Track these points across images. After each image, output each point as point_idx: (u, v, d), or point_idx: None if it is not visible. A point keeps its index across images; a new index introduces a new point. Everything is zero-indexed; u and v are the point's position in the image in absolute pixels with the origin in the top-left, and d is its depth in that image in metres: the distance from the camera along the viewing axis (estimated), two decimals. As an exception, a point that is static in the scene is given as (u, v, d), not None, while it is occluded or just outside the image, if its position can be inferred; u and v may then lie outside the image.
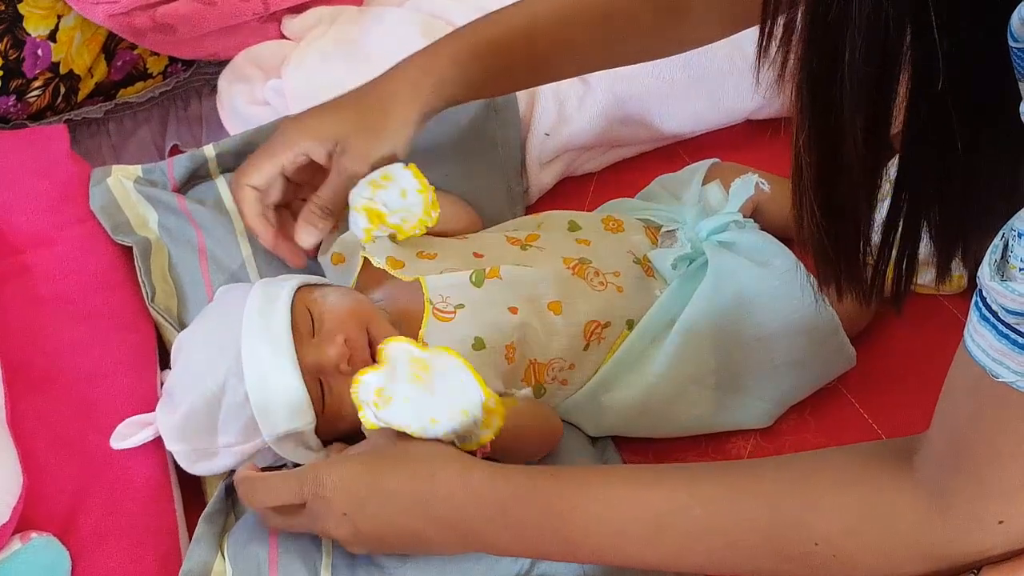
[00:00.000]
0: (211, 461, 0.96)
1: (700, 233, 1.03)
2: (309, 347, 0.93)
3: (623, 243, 1.06)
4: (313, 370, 0.93)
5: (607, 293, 1.01)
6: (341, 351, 0.92)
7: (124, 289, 1.09)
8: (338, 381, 0.93)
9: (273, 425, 0.92)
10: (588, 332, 1.00)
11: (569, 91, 1.23)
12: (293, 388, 0.92)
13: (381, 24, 1.35)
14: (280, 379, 0.91)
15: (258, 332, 0.93)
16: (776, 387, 1.01)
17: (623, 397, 1.00)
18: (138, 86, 1.42)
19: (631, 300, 1.02)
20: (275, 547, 0.90)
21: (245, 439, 0.93)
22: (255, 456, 0.95)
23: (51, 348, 1.02)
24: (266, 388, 0.91)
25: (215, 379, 0.92)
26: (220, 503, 0.97)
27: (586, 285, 1.00)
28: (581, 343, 0.99)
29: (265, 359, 0.92)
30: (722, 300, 0.99)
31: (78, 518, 0.93)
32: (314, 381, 0.93)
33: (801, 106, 0.60)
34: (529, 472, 0.81)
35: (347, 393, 0.89)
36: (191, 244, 1.11)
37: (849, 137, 0.59)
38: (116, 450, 0.96)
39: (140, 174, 1.16)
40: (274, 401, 0.91)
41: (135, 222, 1.12)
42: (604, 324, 1.00)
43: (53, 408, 0.98)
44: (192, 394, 0.94)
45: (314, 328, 0.95)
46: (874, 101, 0.58)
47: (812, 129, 0.60)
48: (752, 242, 1.02)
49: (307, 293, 0.98)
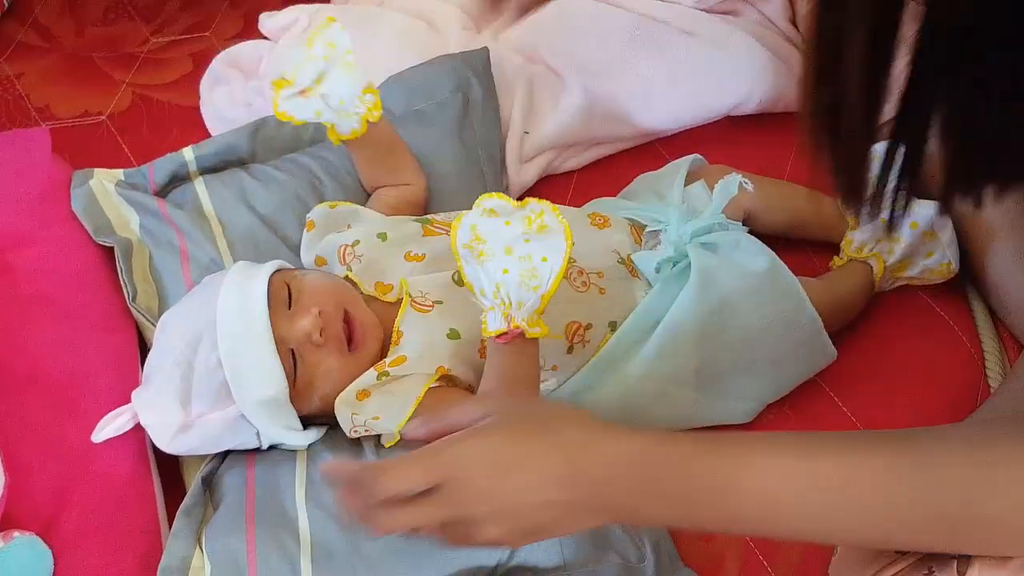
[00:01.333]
0: (187, 435, 0.96)
1: (684, 235, 1.03)
2: (283, 318, 0.95)
3: (609, 241, 1.06)
4: (286, 340, 0.94)
5: (589, 294, 1.01)
6: (314, 322, 0.94)
7: (106, 290, 1.09)
8: (310, 353, 0.94)
9: (245, 390, 0.93)
10: (570, 333, 1.00)
11: (545, 89, 1.23)
12: (265, 353, 0.93)
13: (364, 25, 1.36)
14: (252, 344, 0.93)
15: (234, 299, 0.94)
16: (758, 386, 1.02)
17: (605, 397, 1.01)
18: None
19: (614, 302, 1.02)
20: (252, 539, 0.91)
21: (218, 406, 0.94)
22: (236, 432, 0.95)
23: (33, 348, 1.02)
24: (238, 352, 0.92)
25: (189, 344, 0.94)
26: (197, 496, 0.98)
27: (567, 285, 1.01)
28: (563, 344, 1.00)
29: (238, 323, 0.93)
30: (705, 303, 0.99)
31: (61, 517, 0.93)
32: (287, 352, 0.94)
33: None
34: (687, 441, 0.74)
35: (319, 367, 0.92)
36: (172, 246, 1.12)
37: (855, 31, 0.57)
38: (98, 449, 0.96)
39: (122, 177, 1.17)
40: (246, 365, 0.92)
41: (117, 223, 1.13)
42: (585, 326, 1.00)
43: (35, 407, 0.99)
44: (167, 360, 0.95)
45: (291, 302, 0.96)
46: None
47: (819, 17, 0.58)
48: (735, 244, 1.02)
49: (287, 272, 1.00)
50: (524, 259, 0.87)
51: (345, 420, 0.96)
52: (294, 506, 0.95)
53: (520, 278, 0.87)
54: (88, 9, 1.50)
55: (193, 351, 0.94)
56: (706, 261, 1.00)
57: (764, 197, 1.09)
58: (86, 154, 1.23)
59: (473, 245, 0.88)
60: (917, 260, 1.08)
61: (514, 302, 0.88)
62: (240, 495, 0.97)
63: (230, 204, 1.14)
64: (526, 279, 0.87)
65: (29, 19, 1.50)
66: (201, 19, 1.47)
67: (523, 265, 0.87)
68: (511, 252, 0.87)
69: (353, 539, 0.91)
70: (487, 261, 0.87)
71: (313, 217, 1.10)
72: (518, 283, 0.87)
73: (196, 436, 0.96)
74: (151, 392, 0.96)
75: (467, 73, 1.22)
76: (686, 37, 1.25)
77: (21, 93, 1.42)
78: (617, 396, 1.00)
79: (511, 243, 0.88)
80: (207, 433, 0.95)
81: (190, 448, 0.98)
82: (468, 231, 0.89)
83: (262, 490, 0.96)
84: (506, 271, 0.87)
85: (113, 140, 1.35)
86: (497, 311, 0.88)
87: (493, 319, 0.89)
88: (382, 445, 0.98)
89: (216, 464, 1.02)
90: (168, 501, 1.00)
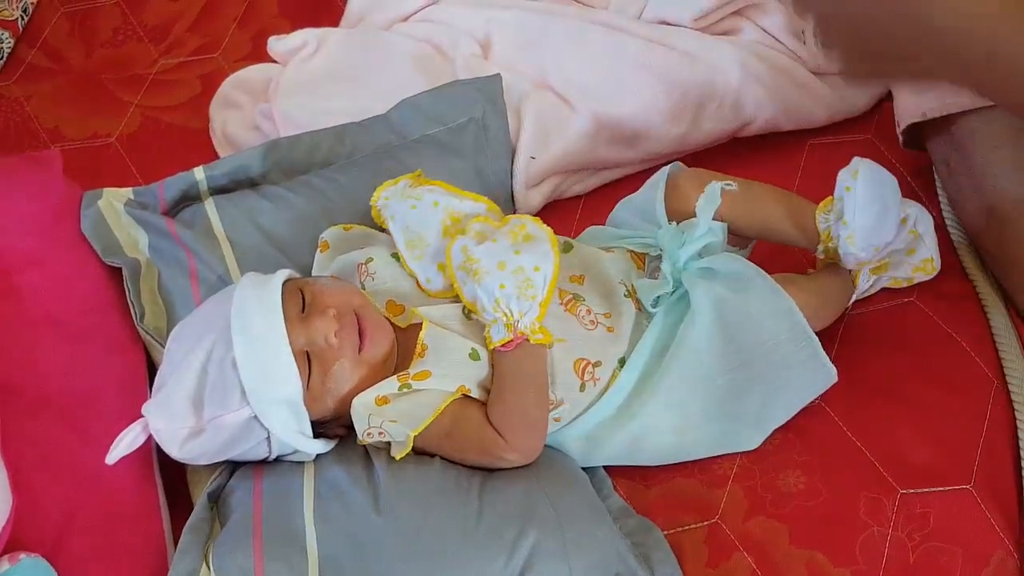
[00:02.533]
0: (197, 440, 0.96)
1: (678, 263, 1.03)
2: (298, 322, 0.96)
3: (617, 271, 1.06)
4: (300, 343, 0.95)
5: (597, 333, 1.02)
6: (330, 323, 0.95)
7: (115, 311, 1.10)
8: (325, 355, 0.95)
9: (260, 390, 0.93)
10: (579, 370, 1.00)
11: (552, 114, 1.24)
12: (281, 352, 0.93)
13: (373, 49, 1.37)
14: (268, 344, 0.94)
15: (249, 302, 0.96)
16: (763, 412, 1.02)
17: (614, 432, 1.02)
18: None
19: (622, 339, 1.02)
20: (260, 555, 0.91)
21: (231, 408, 0.94)
22: (247, 437, 0.96)
23: (42, 370, 1.02)
24: (254, 352, 0.93)
25: (203, 348, 0.95)
26: (204, 512, 0.98)
27: (576, 322, 1.01)
28: (576, 383, 1.00)
29: (254, 324, 0.94)
30: (704, 332, 0.99)
31: (68, 539, 0.94)
32: (302, 354, 0.95)
33: None
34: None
35: (333, 369, 0.95)
36: (182, 266, 1.12)
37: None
38: (105, 470, 0.96)
39: (132, 196, 1.17)
40: (262, 365, 0.93)
41: (126, 244, 1.13)
42: (595, 363, 1.01)
43: (43, 430, 0.99)
44: (180, 366, 0.95)
45: (304, 306, 0.97)
46: None
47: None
48: (730, 269, 1.02)
49: (299, 279, 1.02)
50: (518, 272, 0.94)
51: (361, 421, 0.96)
52: (302, 522, 0.95)
53: (517, 291, 0.93)
54: (97, 31, 1.51)
55: (207, 355, 0.94)
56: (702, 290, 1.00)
57: (741, 200, 1.07)
58: (95, 176, 1.24)
59: (468, 266, 0.95)
60: (898, 257, 1.07)
61: (515, 313, 0.94)
62: (247, 511, 0.97)
63: (240, 224, 1.14)
64: (523, 290, 0.93)
65: (38, 41, 1.50)
66: (209, 41, 1.48)
67: (518, 278, 0.94)
68: (504, 267, 0.94)
69: (361, 555, 0.92)
70: (484, 279, 0.94)
71: (327, 237, 1.10)
72: (516, 296, 0.93)
73: (207, 441, 0.96)
74: (162, 397, 0.96)
75: (480, 99, 1.23)
76: (689, 60, 1.26)
77: (30, 115, 1.42)
78: (629, 431, 1.01)
79: (502, 258, 0.94)
80: (218, 437, 0.95)
81: (200, 454, 0.97)
82: (461, 254, 0.96)
83: (269, 506, 0.97)
84: (503, 286, 0.93)
85: (122, 161, 1.36)
86: (499, 323, 0.94)
87: (496, 331, 0.95)
88: (393, 459, 0.98)
89: (223, 480, 1.02)
90: (175, 519, 1.00)
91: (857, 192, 0.98)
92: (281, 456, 1.00)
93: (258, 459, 1.01)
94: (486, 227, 0.98)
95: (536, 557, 0.92)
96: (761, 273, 1.02)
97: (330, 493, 0.97)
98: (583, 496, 0.99)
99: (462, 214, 1.04)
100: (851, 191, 0.99)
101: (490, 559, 0.91)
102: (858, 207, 0.98)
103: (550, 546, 0.92)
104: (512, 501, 0.95)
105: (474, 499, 0.95)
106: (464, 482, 0.97)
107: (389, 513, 0.94)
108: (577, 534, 0.93)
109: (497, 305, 0.94)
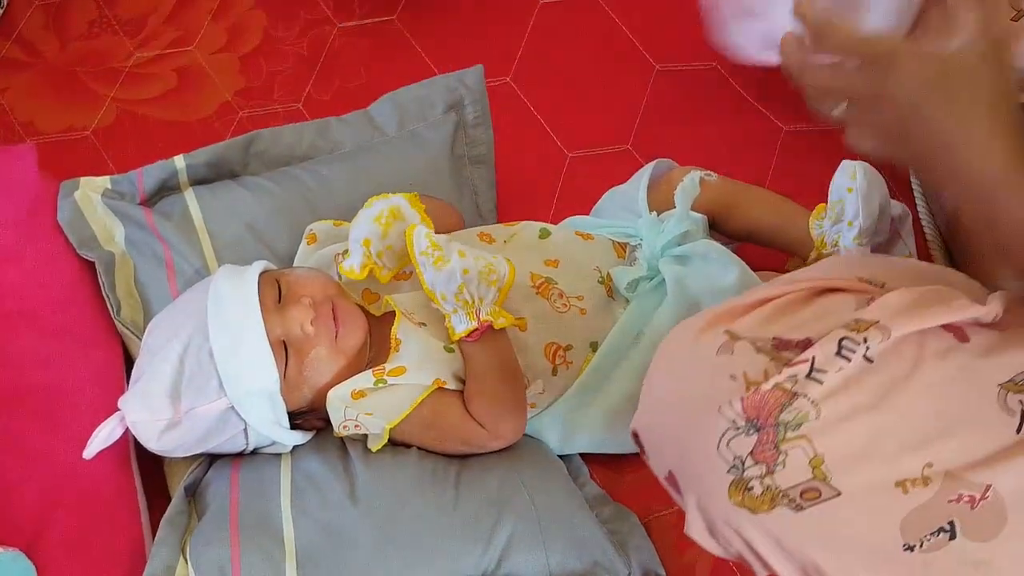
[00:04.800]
0: (174, 432, 0.96)
1: (655, 250, 1.04)
2: (274, 313, 0.96)
3: (592, 258, 1.07)
4: (277, 332, 0.95)
5: (569, 315, 1.02)
6: (306, 311, 0.96)
7: (92, 304, 1.09)
8: (302, 343, 0.96)
9: (237, 381, 0.94)
10: (551, 354, 1.01)
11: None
12: (258, 342, 0.94)
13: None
14: (245, 334, 0.94)
15: (225, 293, 0.96)
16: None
17: (589, 416, 1.03)
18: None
19: (594, 322, 1.03)
20: (236, 547, 0.91)
21: (209, 398, 0.94)
22: (224, 428, 0.96)
23: (18, 363, 1.02)
24: (231, 343, 0.94)
25: (180, 340, 0.95)
26: (181, 505, 0.98)
27: (548, 305, 1.02)
28: (548, 367, 1.01)
29: (231, 315, 0.94)
30: (672, 312, 1.00)
31: (45, 532, 0.93)
32: (279, 343, 0.95)
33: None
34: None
35: (309, 357, 0.95)
36: (158, 258, 1.12)
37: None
38: (82, 463, 0.96)
39: (109, 186, 1.17)
40: (239, 356, 0.94)
41: (101, 236, 1.13)
42: (565, 347, 1.02)
43: (20, 423, 0.99)
44: (157, 358, 0.96)
45: (280, 298, 0.98)
46: None
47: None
48: (706, 255, 1.03)
49: (274, 271, 1.02)
50: (478, 258, 0.95)
51: (337, 413, 0.97)
52: (279, 514, 0.95)
53: (479, 275, 0.94)
54: (72, 24, 1.51)
55: (184, 346, 0.95)
56: (679, 275, 1.02)
57: (738, 204, 1.09)
58: (70, 169, 1.23)
59: (430, 252, 0.95)
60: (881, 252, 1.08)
61: (476, 298, 0.94)
62: (224, 503, 0.97)
63: (219, 215, 1.14)
64: (485, 275, 0.94)
65: (13, 34, 1.50)
66: (185, 33, 1.48)
67: (479, 263, 0.94)
68: (464, 255, 0.94)
69: (338, 545, 0.92)
70: (446, 265, 0.94)
71: (316, 230, 1.10)
72: (478, 281, 0.94)
73: (184, 432, 0.96)
74: (139, 389, 0.96)
75: (460, 91, 1.23)
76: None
77: (5, 108, 1.42)
78: (604, 414, 1.02)
79: (463, 247, 0.95)
80: (194, 429, 0.96)
81: (177, 446, 0.98)
82: (424, 239, 0.96)
83: (247, 498, 0.97)
84: (466, 271, 0.94)
85: (98, 155, 1.35)
86: (460, 312, 0.95)
87: (458, 321, 0.95)
88: (369, 451, 0.99)
89: (200, 473, 1.02)
90: (153, 512, 1.00)
91: (861, 192, 0.99)
92: (258, 448, 1.01)
93: (235, 451, 1.01)
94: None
95: (513, 545, 0.93)
96: (736, 259, 1.02)
97: (307, 484, 0.97)
98: (560, 484, 1.00)
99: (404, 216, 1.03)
100: (853, 192, 1.00)
101: (467, 548, 0.92)
102: (863, 206, 0.99)
103: (527, 534, 0.93)
104: (489, 490, 0.96)
105: (451, 488, 0.96)
106: (441, 472, 0.97)
107: (366, 503, 0.94)
108: (554, 522, 0.94)
109: (459, 292, 0.94)
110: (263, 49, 1.45)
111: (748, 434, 0.68)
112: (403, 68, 1.39)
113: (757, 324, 0.73)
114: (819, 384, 0.68)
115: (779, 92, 1.31)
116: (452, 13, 1.45)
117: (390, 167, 1.18)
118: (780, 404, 0.68)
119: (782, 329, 0.72)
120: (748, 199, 1.10)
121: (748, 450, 0.68)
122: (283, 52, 1.44)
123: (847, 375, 0.68)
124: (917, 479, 0.66)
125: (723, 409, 0.69)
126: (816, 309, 0.74)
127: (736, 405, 0.69)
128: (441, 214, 1.09)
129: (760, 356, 0.70)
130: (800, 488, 0.67)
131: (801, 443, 0.67)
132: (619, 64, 1.37)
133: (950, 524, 0.66)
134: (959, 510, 0.66)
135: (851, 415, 0.67)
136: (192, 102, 1.41)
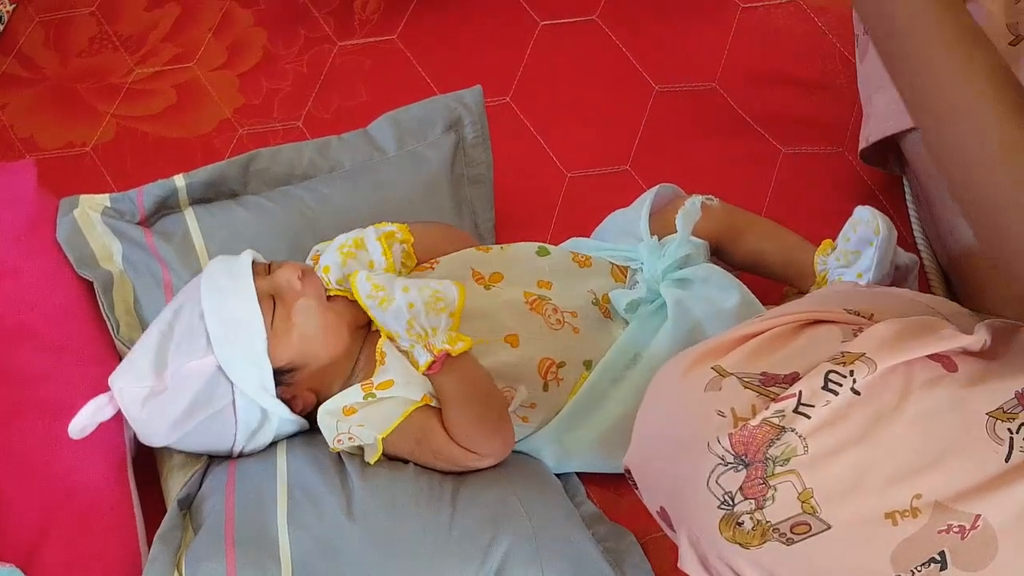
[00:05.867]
0: (158, 399, 0.97)
1: (655, 273, 1.04)
2: (264, 278, 1.01)
3: (586, 282, 1.07)
4: (265, 288, 0.99)
5: (563, 332, 1.02)
6: (294, 270, 1.00)
7: (91, 321, 1.09)
8: (288, 296, 0.99)
9: (224, 334, 0.96)
10: (543, 370, 1.01)
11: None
12: (245, 296, 0.97)
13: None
14: (235, 295, 0.98)
15: (218, 268, 1.01)
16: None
17: (585, 437, 1.03)
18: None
19: (588, 341, 1.03)
20: (232, 563, 0.91)
21: (196, 355, 0.96)
22: (210, 399, 0.97)
23: (16, 380, 1.02)
24: (220, 302, 0.97)
25: (172, 309, 1.00)
26: (175, 519, 0.98)
27: (542, 321, 1.02)
28: (539, 382, 1.01)
29: (222, 282, 0.99)
30: (681, 339, 1.00)
31: (42, 548, 0.93)
32: (266, 299, 0.98)
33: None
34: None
35: (297, 304, 0.98)
36: (156, 279, 1.12)
37: None
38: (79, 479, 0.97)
39: (108, 204, 1.17)
40: (226, 309, 0.97)
41: (100, 254, 1.13)
42: (559, 364, 1.02)
43: (18, 440, 0.99)
44: (150, 328, 1.00)
45: (270, 270, 1.02)
46: None
47: None
48: (707, 278, 1.03)
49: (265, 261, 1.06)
50: (423, 289, 0.96)
51: (329, 429, 0.97)
52: (275, 528, 0.95)
53: (426, 306, 0.95)
54: (72, 40, 1.51)
55: (174, 313, 0.99)
56: (679, 298, 1.02)
57: (741, 234, 1.10)
58: (70, 185, 1.23)
59: (374, 294, 0.97)
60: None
61: (428, 329, 0.95)
62: (220, 518, 0.97)
63: (219, 236, 1.14)
64: (432, 304, 0.95)
65: (13, 50, 1.50)
66: (185, 50, 1.48)
67: (424, 294, 0.96)
68: (408, 290, 0.96)
69: (334, 561, 0.92)
70: (391, 304, 0.96)
71: (320, 250, 1.10)
72: (425, 312, 0.95)
73: (167, 400, 0.97)
74: (127, 360, 1.00)
75: (460, 111, 1.24)
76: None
77: (5, 124, 1.42)
78: (599, 436, 1.02)
79: (405, 283, 0.97)
80: (179, 397, 0.97)
81: (161, 417, 0.98)
82: (365, 283, 0.98)
83: (242, 512, 0.97)
84: (412, 305, 0.96)
85: (97, 171, 1.35)
86: (418, 346, 0.96)
87: (419, 354, 0.96)
88: (366, 464, 0.99)
89: (195, 486, 1.02)
90: (150, 527, 1.00)
91: (880, 250, 1.00)
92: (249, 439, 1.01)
93: (223, 448, 1.01)
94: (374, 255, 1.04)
95: (509, 563, 0.92)
96: (737, 283, 1.03)
97: (303, 499, 0.97)
98: (556, 502, 1.00)
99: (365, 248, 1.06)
100: (873, 247, 1.01)
101: (463, 564, 0.92)
102: (877, 262, 1.00)
103: (523, 552, 0.93)
104: (485, 507, 0.96)
105: (447, 504, 0.95)
106: (437, 487, 0.97)
107: (362, 519, 0.94)
108: (550, 540, 0.94)
109: (410, 327, 0.96)
110: (263, 67, 1.45)
111: (737, 470, 0.69)
112: (403, 87, 1.39)
113: (744, 359, 0.74)
114: (806, 418, 0.68)
115: (778, 114, 1.32)
116: (452, 33, 1.46)
117: (389, 186, 1.19)
118: (768, 439, 0.68)
119: (769, 364, 0.73)
120: (751, 228, 1.11)
121: (737, 485, 0.69)
122: (283, 70, 1.45)
123: (834, 408, 0.68)
124: (906, 511, 0.67)
125: (712, 445, 0.70)
126: (803, 342, 0.74)
127: (724, 441, 0.69)
128: (441, 239, 1.10)
129: (747, 392, 0.71)
130: (790, 522, 0.68)
131: (790, 478, 0.68)
132: (618, 85, 1.38)
133: (940, 555, 0.67)
134: (949, 540, 0.66)
135: (839, 448, 0.67)
136: (192, 119, 1.41)
